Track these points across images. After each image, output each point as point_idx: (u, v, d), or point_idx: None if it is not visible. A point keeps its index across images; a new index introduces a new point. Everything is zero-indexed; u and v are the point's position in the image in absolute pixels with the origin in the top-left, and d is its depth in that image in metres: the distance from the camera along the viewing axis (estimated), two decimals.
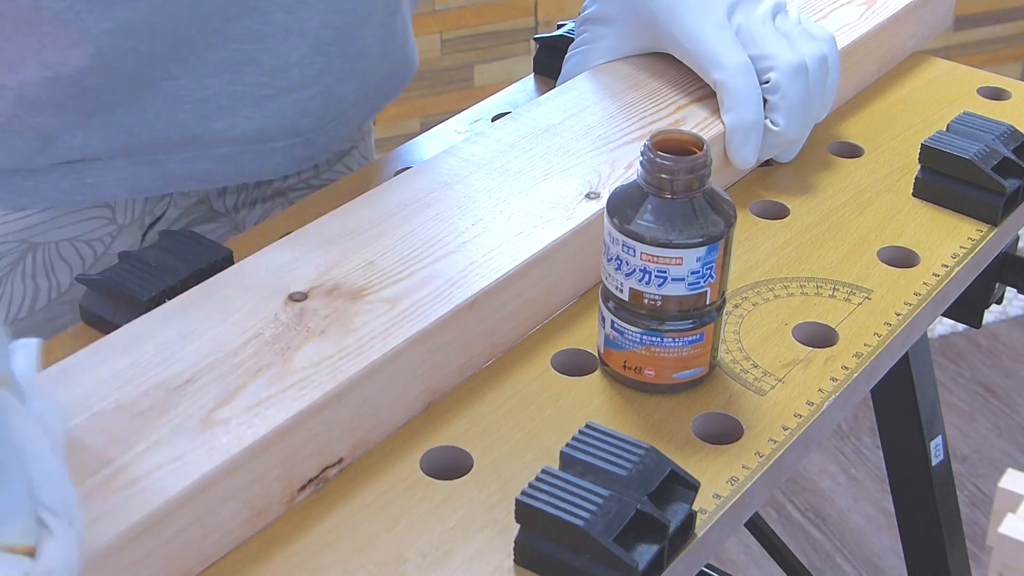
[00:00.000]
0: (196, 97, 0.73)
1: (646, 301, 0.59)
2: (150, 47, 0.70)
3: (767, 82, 0.73)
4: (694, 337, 0.60)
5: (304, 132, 0.78)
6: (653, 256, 0.57)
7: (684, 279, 0.58)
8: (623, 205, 0.59)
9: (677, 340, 0.59)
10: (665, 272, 0.58)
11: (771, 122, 0.74)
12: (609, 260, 0.59)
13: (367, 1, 0.77)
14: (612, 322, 0.60)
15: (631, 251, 0.58)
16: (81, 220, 0.77)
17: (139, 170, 0.75)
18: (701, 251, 0.57)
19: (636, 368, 0.61)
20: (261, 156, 0.77)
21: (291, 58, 0.74)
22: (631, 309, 0.59)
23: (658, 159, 0.57)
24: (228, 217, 0.85)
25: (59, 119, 0.71)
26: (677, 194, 0.57)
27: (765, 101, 0.73)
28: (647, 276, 0.58)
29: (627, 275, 0.59)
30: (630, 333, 0.60)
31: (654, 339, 0.60)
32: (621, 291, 0.59)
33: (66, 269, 0.78)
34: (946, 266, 0.70)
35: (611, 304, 0.60)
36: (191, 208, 0.83)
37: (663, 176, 0.57)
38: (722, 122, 0.74)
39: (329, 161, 0.88)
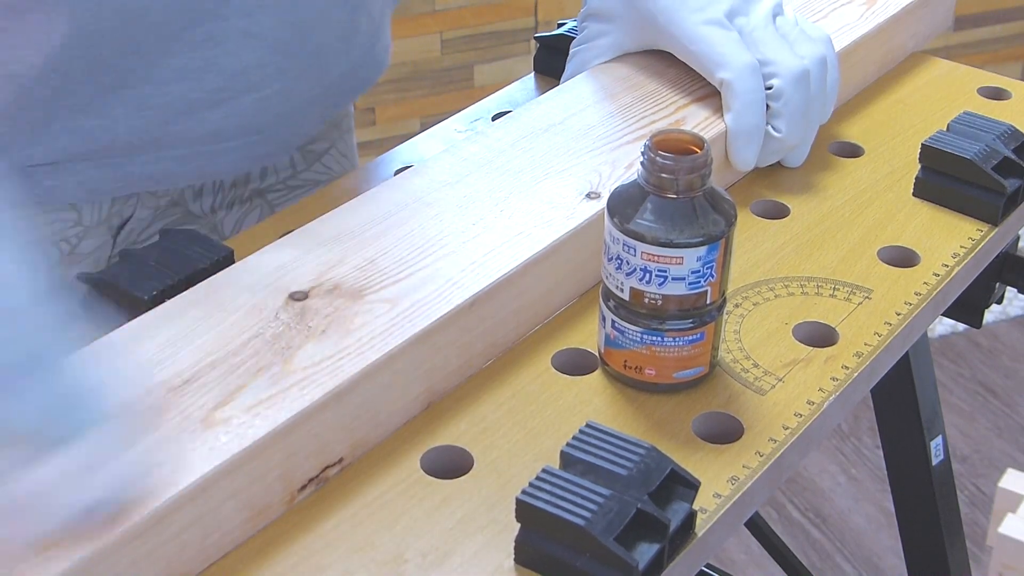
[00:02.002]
0: (156, 104, 0.73)
1: (647, 300, 0.59)
2: (106, 55, 0.69)
3: (770, 88, 0.73)
4: (694, 336, 0.60)
5: (263, 130, 0.77)
6: (654, 255, 0.57)
7: (685, 278, 0.58)
8: (624, 204, 0.59)
9: (677, 339, 0.59)
10: (665, 271, 0.58)
11: (772, 128, 0.74)
12: (610, 259, 0.59)
13: None
14: (612, 321, 0.60)
15: (632, 250, 0.58)
16: (47, 223, 0.76)
17: (98, 172, 0.75)
18: (701, 250, 0.57)
19: (637, 367, 0.61)
20: (219, 155, 0.77)
21: (250, 61, 0.73)
22: (632, 308, 0.59)
23: (659, 159, 0.57)
24: (205, 219, 0.84)
25: (14, 128, 0.70)
26: (678, 193, 0.57)
27: (767, 106, 0.73)
28: (648, 275, 0.58)
29: (628, 274, 0.59)
30: (631, 332, 0.60)
31: (655, 338, 0.60)
32: (622, 290, 0.59)
33: None
34: (946, 266, 0.70)
35: (612, 303, 0.60)
36: (165, 210, 0.82)
37: (664, 176, 0.57)
38: (725, 123, 0.74)
39: (307, 160, 0.87)
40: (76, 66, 0.69)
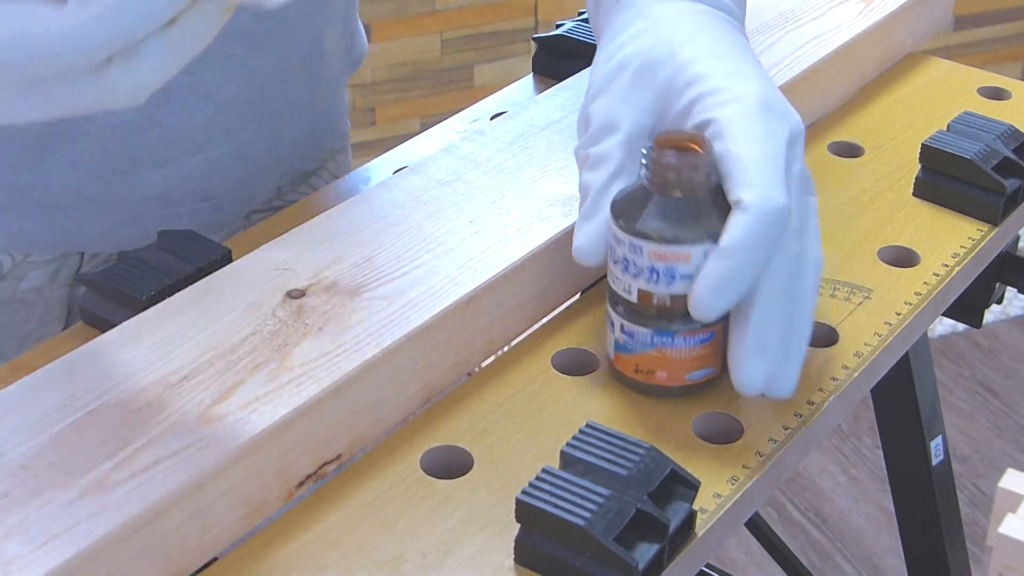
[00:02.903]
0: (94, 160, 0.71)
1: (655, 301, 0.58)
2: None
3: None
4: (704, 336, 0.59)
5: (212, 196, 0.75)
6: (661, 254, 0.57)
7: (692, 276, 0.58)
8: (628, 206, 0.58)
9: (688, 339, 0.59)
10: (673, 270, 0.57)
11: None
12: (615, 262, 0.59)
13: (279, 62, 0.75)
14: (621, 326, 0.60)
15: (638, 251, 0.58)
16: None
17: (31, 224, 0.72)
18: (708, 246, 0.57)
19: (648, 371, 0.60)
20: (165, 220, 0.74)
21: (196, 119, 0.72)
22: (640, 311, 0.59)
23: (662, 158, 0.57)
24: None
25: None
26: (683, 192, 0.57)
27: None
28: (655, 275, 0.58)
29: (635, 276, 0.58)
30: (640, 335, 0.60)
31: (665, 339, 0.59)
32: (629, 293, 0.59)
33: None
34: (946, 266, 0.70)
35: (619, 308, 0.60)
36: None
37: (668, 175, 0.57)
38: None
39: (294, 182, 0.86)
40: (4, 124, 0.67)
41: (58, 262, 0.77)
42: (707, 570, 1.14)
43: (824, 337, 0.65)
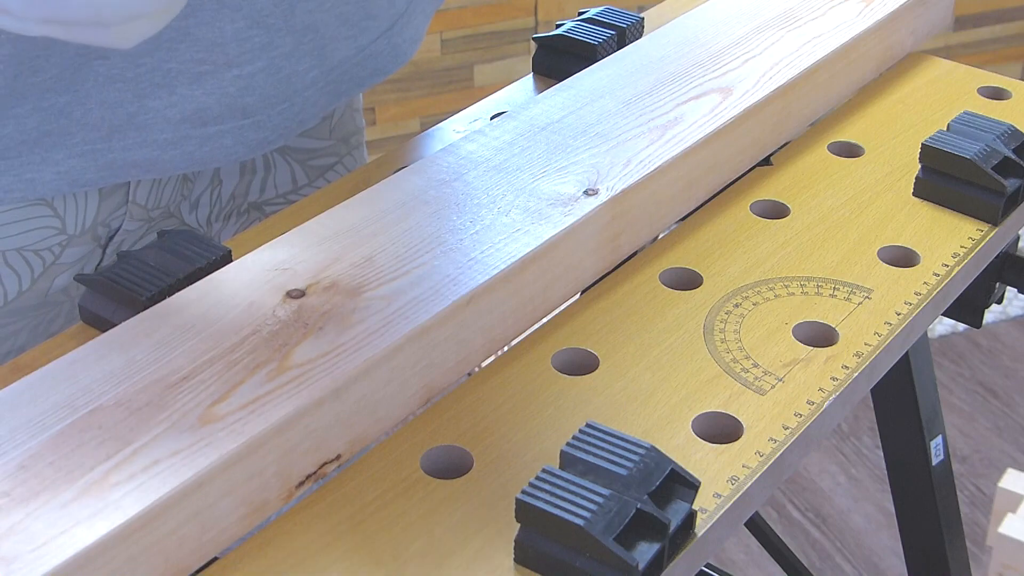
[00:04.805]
0: (128, 76, 0.70)
1: None
2: None
3: None
4: None
5: (252, 113, 0.74)
6: None
7: None
8: None
9: None
10: None
11: None
12: None
13: None
14: None
15: None
16: (29, 230, 0.74)
17: (78, 162, 0.72)
18: None
19: None
20: (208, 140, 0.74)
21: (227, 32, 0.71)
22: None
23: None
24: (201, 231, 0.82)
25: None
26: None
27: None
28: None
29: None
30: None
31: None
32: None
33: (13, 277, 0.75)
34: (946, 266, 0.70)
35: None
36: (158, 222, 0.80)
37: None
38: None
39: (309, 175, 0.85)
40: (38, 45, 0.66)
41: (86, 258, 0.77)
42: (707, 570, 1.14)
43: (824, 337, 0.65)
